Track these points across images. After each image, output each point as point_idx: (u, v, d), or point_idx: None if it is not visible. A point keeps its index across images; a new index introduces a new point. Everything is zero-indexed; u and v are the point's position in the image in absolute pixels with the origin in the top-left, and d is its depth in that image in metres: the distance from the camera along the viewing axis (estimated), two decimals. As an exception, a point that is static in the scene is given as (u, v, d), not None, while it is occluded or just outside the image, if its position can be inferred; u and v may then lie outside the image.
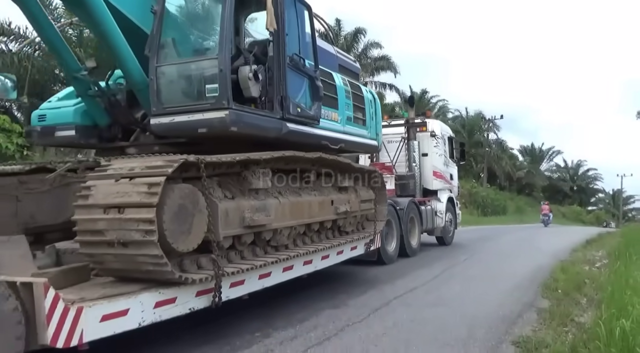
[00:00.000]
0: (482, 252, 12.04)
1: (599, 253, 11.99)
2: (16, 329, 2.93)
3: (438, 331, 5.14)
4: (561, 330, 5.28)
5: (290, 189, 5.26)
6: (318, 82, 5.58)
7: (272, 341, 4.69)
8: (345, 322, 5.38)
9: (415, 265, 9.39)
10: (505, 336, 5.05)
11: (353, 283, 7.35)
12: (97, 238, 3.62)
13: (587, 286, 7.64)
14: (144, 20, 4.86)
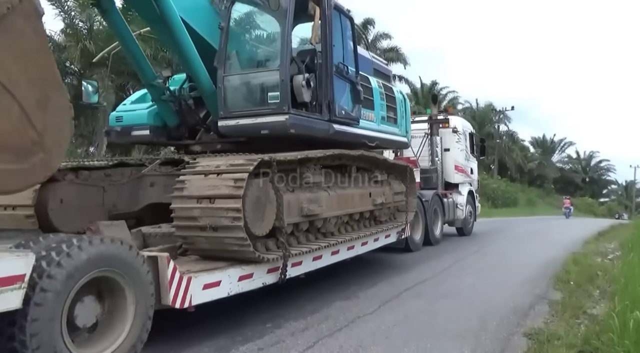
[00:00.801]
0: (493, 244, 12.39)
1: (611, 245, 12.23)
2: (150, 287, 3.80)
3: (449, 323, 5.25)
4: (573, 322, 5.37)
5: (336, 183, 6.11)
6: (359, 86, 6.42)
7: (283, 332, 4.84)
8: (356, 313, 5.52)
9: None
10: (517, 328, 5.15)
11: (363, 275, 7.51)
12: (191, 223, 4.50)
13: (600, 278, 7.74)
14: (212, 36, 5.71)
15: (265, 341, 4.56)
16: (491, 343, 4.65)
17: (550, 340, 4.60)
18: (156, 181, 5.92)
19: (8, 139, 3.43)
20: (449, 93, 45.63)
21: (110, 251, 3.54)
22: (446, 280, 7.53)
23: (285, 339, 4.62)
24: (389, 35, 32.83)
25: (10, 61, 3.45)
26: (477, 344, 4.61)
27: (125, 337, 3.64)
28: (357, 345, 4.50)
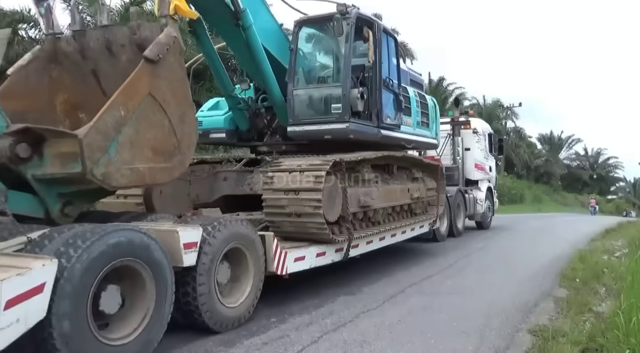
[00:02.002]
0: (499, 241, 13.04)
1: (618, 243, 12.50)
2: (262, 258, 5.31)
3: (454, 319, 5.43)
4: (579, 319, 5.48)
5: (382, 179, 7.57)
6: (401, 97, 7.90)
7: (288, 326, 5.07)
8: (360, 308, 5.75)
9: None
10: (522, 325, 5.30)
11: (368, 270, 7.79)
12: (279, 211, 5.95)
13: (606, 275, 7.86)
14: (282, 56, 7.14)
15: (269, 335, 4.79)
16: (495, 339, 4.80)
17: (555, 337, 4.72)
18: (229, 176, 7.38)
19: (162, 145, 4.91)
20: (456, 89, 46.91)
21: (242, 230, 5.03)
22: (452, 276, 7.89)
23: (290, 334, 4.84)
24: (396, 31, 33.86)
25: (165, 88, 4.92)
26: (482, 340, 4.76)
27: (248, 293, 5.14)
28: (362, 340, 4.69)
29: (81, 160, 4.13)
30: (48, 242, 3.65)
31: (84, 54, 5.57)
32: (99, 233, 3.69)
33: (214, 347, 4.45)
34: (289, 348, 4.46)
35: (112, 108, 4.41)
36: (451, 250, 10.45)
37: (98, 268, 3.62)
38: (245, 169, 7.31)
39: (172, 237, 4.33)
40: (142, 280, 4.02)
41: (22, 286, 3.14)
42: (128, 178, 4.58)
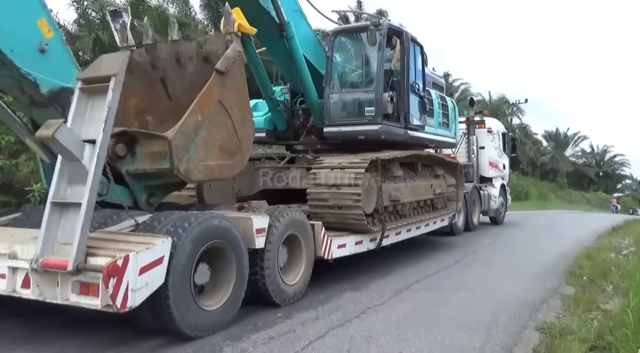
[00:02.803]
0: (506, 237, 13.51)
1: (625, 241, 12.76)
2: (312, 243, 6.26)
3: (460, 315, 5.52)
4: (586, 317, 5.57)
5: (409, 176, 8.51)
6: (425, 100, 8.84)
7: (294, 321, 5.17)
8: (366, 304, 5.88)
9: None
10: (529, 322, 5.39)
11: (374, 266, 7.99)
12: (322, 203, 6.88)
13: (614, 273, 7.99)
14: (318, 62, 8.08)
15: (276, 330, 4.90)
16: (502, 336, 4.88)
17: (562, 335, 4.79)
18: (267, 172, 8.31)
19: (227, 145, 5.83)
20: (461, 85, 47.86)
21: (299, 218, 5.99)
22: (458, 273, 8.09)
23: (296, 329, 4.95)
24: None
25: (230, 96, 5.83)
26: (489, 337, 4.84)
27: (302, 274, 6.10)
28: (368, 335, 4.79)
29: (169, 158, 5.05)
30: (157, 225, 4.59)
31: (154, 64, 6.49)
32: (198, 219, 4.64)
33: (221, 341, 4.57)
34: (296, 343, 4.56)
35: (192, 114, 5.32)
36: (458, 246, 10.82)
37: (199, 246, 4.57)
38: (283, 165, 8.25)
39: (247, 224, 5.27)
40: (227, 258, 4.97)
41: (149, 257, 4.08)
42: (203, 174, 5.51)
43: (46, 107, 4.79)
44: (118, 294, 3.84)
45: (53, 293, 4.08)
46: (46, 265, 3.96)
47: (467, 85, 49.31)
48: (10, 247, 4.35)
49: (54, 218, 4.14)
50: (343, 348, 4.47)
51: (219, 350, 4.37)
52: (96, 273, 3.86)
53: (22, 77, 4.52)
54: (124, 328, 4.69)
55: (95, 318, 4.68)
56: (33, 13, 4.59)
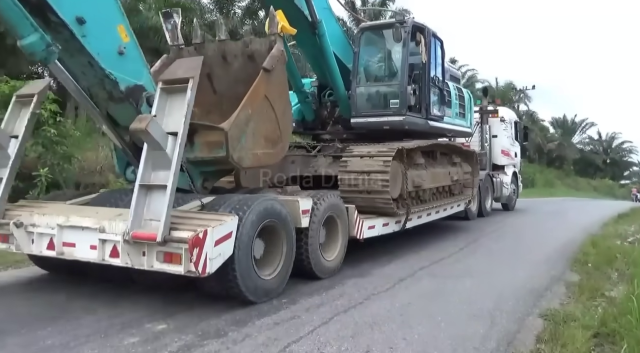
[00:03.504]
0: (512, 224, 13.91)
1: (631, 228, 12.96)
2: (347, 224, 7.09)
3: (464, 302, 5.63)
4: (590, 304, 5.66)
5: (429, 164, 9.35)
6: (444, 92, 9.65)
7: (298, 308, 5.29)
8: (370, 291, 6.00)
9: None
10: (533, 309, 5.48)
11: (378, 253, 8.12)
12: (353, 188, 7.71)
13: (619, 260, 8.09)
14: (345, 57, 8.89)
15: (280, 316, 5.01)
16: (506, 323, 4.96)
17: (566, 321, 4.88)
18: (296, 160, 9.14)
19: (271, 135, 6.66)
20: (468, 71, 48.38)
21: (337, 202, 6.85)
22: (463, 260, 8.26)
23: (301, 315, 5.06)
24: (408, 11, 34.44)
25: (274, 91, 6.65)
26: (492, 324, 4.92)
27: (338, 251, 6.96)
28: (372, 322, 4.88)
29: (225, 147, 5.88)
30: (220, 206, 5.46)
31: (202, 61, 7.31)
32: (257, 200, 5.50)
33: (226, 326, 4.72)
34: (300, 328, 4.67)
35: (243, 108, 6.14)
36: (462, 233, 11.16)
37: (257, 224, 5.42)
38: (311, 153, 9.08)
39: (294, 205, 6.13)
40: (278, 235, 5.83)
41: (222, 232, 4.93)
42: (251, 161, 6.36)
43: (122, 102, 5.60)
44: (200, 262, 4.69)
45: (140, 261, 4.93)
46: (136, 237, 4.81)
47: (475, 72, 49.86)
48: (99, 223, 5.20)
49: (141, 198, 4.98)
50: (347, 334, 4.57)
51: (224, 335, 4.52)
52: (179, 244, 4.71)
53: (105, 76, 5.33)
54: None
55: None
56: (115, 21, 5.40)
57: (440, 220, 10.68)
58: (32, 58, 4.92)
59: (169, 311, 5.12)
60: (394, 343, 4.39)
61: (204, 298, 5.50)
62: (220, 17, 7.82)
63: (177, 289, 5.66)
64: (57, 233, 5.42)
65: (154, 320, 4.85)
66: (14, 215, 5.76)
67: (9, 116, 6.11)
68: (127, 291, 5.76)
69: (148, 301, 5.42)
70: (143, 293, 5.66)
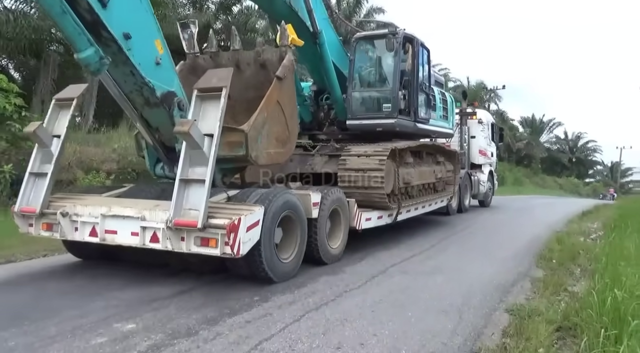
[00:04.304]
0: (480, 222, 14.14)
1: (594, 225, 13.53)
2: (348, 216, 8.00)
3: (434, 298, 5.77)
4: (554, 299, 5.85)
5: (417, 162, 10.32)
6: (430, 96, 10.64)
7: (271, 305, 5.35)
8: (342, 288, 6.11)
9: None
10: (500, 304, 5.67)
11: (351, 250, 8.19)
12: (351, 184, 8.60)
13: (582, 257, 8.45)
14: (341, 64, 9.79)
15: (252, 314, 5.04)
16: (474, 318, 5.11)
17: (531, 316, 5.05)
18: (294, 158, 9.97)
19: (281, 136, 7.51)
20: (440, 70, 49.69)
21: (341, 196, 7.75)
22: (433, 257, 8.45)
23: (273, 312, 5.11)
24: (383, 9, 34.79)
25: (285, 96, 7.49)
26: (460, 319, 5.07)
27: (341, 240, 7.86)
28: (343, 318, 4.97)
29: (245, 146, 6.71)
30: (246, 197, 6.30)
31: (216, 68, 8.10)
32: (277, 194, 6.36)
33: (197, 325, 4.74)
34: (272, 326, 4.72)
35: (260, 112, 6.97)
36: (434, 230, 11.46)
37: (278, 214, 6.28)
38: (308, 152, 9.95)
39: (306, 198, 7.00)
40: (294, 224, 6.68)
41: (252, 219, 5.75)
42: (266, 159, 7.19)
43: (157, 107, 6.37)
44: (235, 245, 5.52)
45: (179, 245, 5.73)
46: (178, 224, 5.61)
47: (447, 71, 51.18)
48: (140, 212, 5.99)
49: (181, 190, 5.77)
50: (318, 331, 4.64)
51: (194, 333, 4.54)
52: (216, 229, 5.54)
53: (144, 84, 6.10)
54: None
55: None
56: (153, 36, 6.16)
57: (424, 215, 11.60)
58: (87, 69, 5.68)
59: (138, 310, 5.14)
60: (365, 340, 4.47)
61: (175, 297, 5.65)
62: (234, 29, 8.51)
63: (151, 286, 6.01)
64: (100, 221, 6.18)
65: (123, 320, 4.87)
66: (58, 206, 6.51)
67: (49, 117, 6.85)
68: (96, 291, 5.88)
69: (118, 301, 5.47)
70: (112, 293, 5.77)
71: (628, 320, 4.24)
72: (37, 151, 6.79)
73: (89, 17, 5.42)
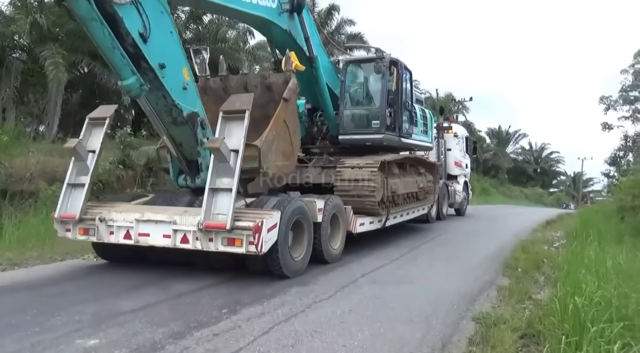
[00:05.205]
0: (449, 231, 14.39)
1: (557, 234, 13.89)
2: (345, 220, 9.04)
3: (402, 308, 5.78)
4: (519, 306, 5.95)
5: (401, 173, 11.42)
6: (412, 113, 11.79)
7: (239, 317, 5.25)
8: (312, 299, 6.05)
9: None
10: (466, 312, 5.71)
11: (321, 262, 8.22)
12: (346, 193, 9.60)
13: (546, 265, 8.65)
14: (333, 84, 10.85)
15: (220, 327, 4.93)
16: (441, 327, 5.16)
17: (496, 324, 5.13)
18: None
19: (286, 151, 8.49)
20: (410, 82, 51.09)
21: (339, 203, 8.78)
22: (403, 266, 8.52)
23: (241, 325, 5.02)
24: (353, 21, 35.38)
25: (290, 116, 8.49)
26: (428, 328, 5.10)
27: (340, 243, 8.82)
28: (313, 330, 4.92)
29: (258, 160, 7.69)
30: (263, 204, 7.28)
31: (225, 90, 9.07)
32: (290, 201, 7.35)
33: (163, 339, 4.61)
34: (240, 339, 4.64)
35: (270, 129, 7.93)
36: (404, 240, 11.59)
37: (292, 218, 7.25)
38: (302, 164, 10.94)
39: (313, 205, 7.97)
40: (302, 227, 7.64)
41: (272, 222, 6.70)
42: (274, 171, 8.15)
43: (183, 125, 7.31)
44: (259, 244, 6.46)
45: (207, 245, 6.62)
46: (208, 226, 6.52)
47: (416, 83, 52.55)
48: (172, 217, 6.91)
49: (210, 198, 6.68)
50: (288, 343, 4.61)
51: (160, 348, 4.42)
52: (242, 230, 6.50)
53: (174, 106, 7.03)
54: None
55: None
56: (181, 64, 7.11)
57: (407, 222, 12.57)
58: (129, 94, 6.66)
59: (102, 325, 5.00)
60: (334, 351, 4.49)
61: (140, 310, 5.52)
62: (222, 58, 9.49)
63: (116, 300, 5.95)
64: (135, 225, 7.07)
65: (86, 335, 4.71)
66: (94, 213, 7.38)
67: (84, 135, 7.72)
68: (59, 305, 5.69)
69: (80, 315, 5.32)
70: (76, 307, 5.61)
71: (588, 326, 4.29)
72: (74, 165, 7.64)
73: (132, 50, 6.38)
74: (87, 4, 5.73)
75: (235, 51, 22.68)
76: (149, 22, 6.42)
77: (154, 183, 14.58)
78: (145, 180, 14.43)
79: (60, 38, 19.56)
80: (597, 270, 6.27)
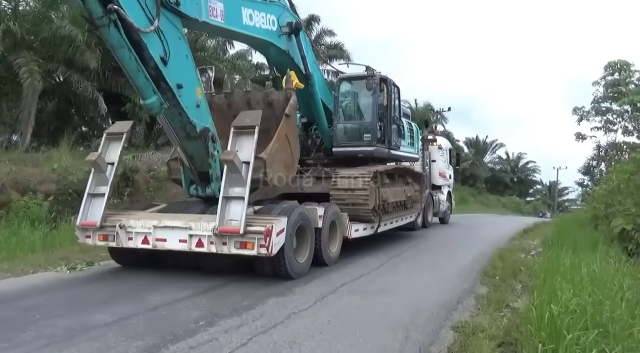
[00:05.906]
0: (429, 239, 14.67)
1: (534, 242, 13.95)
2: (343, 225, 9.77)
3: (382, 317, 5.77)
4: (497, 315, 5.96)
5: (391, 183, 12.18)
6: (400, 127, 12.61)
7: (217, 329, 5.14)
8: (291, 309, 5.96)
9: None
10: (445, 321, 5.72)
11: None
12: (341, 201, 10.30)
13: (522, 273, 8.72)
14: (327, 100, 11.60)
15: (197, 339, 4.83)
16: (420, 336, 5.16)
17: (475, 333, 5.13)
18: (287, 179, 11.71)
19: (287, 162, 9.17)
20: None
21: (337, 210, 9.50)
22: (382, 276, 8.55)
23: (219, 337, 4.92)
24: (333, 32, 36.06)
25: (290, 130, 9.19)
26: (407, 338, 5.08)
27: (337, 247, 9.48)
28: (291, 341, 4.84)
29: (264, 171, 8.37)
30: (270, 211, 7.98)
31: (230, 106, 9.76)
32: (295, 208, 8.06)
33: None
34: (217, 351, 4.57)
35: (274, 143, 8.62)
36: (382, 249, 11.51)
37: (296, 224, 7.93)
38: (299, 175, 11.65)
39: (314, 212, 8.67)
40: (305, 232, 8.32)
41: (280, 227, 7.35)
42: (277, 181, 8.84)
43: (195, 140, 7.98)
44: (269, 246, 7.11)
45: (221, 248, 7.26)
46: (223, 231, 7.17)
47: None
48: (187, 223, 7.56)
49: (224, 205, 7.33)
50: None
51: None
52: (254, 235, 7.18)
53: (188, 122, 7.70)
54: None
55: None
56: (195, 84, 7.79)
57: (395, 229, 13.16)
58: (150, 112, 7.34)
59: (74, 339, 4.86)
60: None
61: (114, 324, 5.35)
62: (226, 77, 10.24)
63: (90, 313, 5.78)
64: (152, 231, 7.70)
65: (57, 350, 4.60)
66: (113, 220, 7.99)
67: (102, 148, 8.34)
68: (29, 320, 5.55)
69: (52, 329, 5.17)
70: (47, 321, 5.48)
71: (564, 334, 4.31)
72: (94, 176, 8.26)
73: (154, 72, 7.05)
74: (117, 34, 6.42)
75: (215, 60, 23.17)
76: (168, 48, 7.11)
77: (131, 193, 14.80)
78: (122, 190, 14.62)
79: (35, 46, 19.57)
80: (573, 278, 6.31)
